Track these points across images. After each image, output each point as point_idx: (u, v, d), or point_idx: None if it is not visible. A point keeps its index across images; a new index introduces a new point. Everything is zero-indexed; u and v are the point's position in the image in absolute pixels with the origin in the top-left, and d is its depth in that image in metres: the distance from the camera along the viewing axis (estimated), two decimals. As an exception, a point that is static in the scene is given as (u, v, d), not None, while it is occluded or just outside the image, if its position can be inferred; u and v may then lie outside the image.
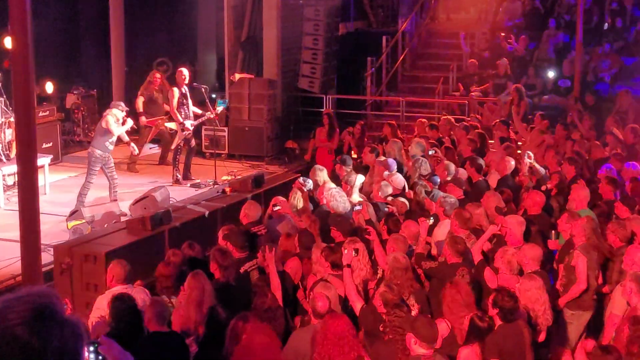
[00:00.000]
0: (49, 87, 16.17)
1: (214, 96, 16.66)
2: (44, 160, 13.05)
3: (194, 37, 19.10)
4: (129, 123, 12.49)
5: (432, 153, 11.60)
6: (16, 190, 8.69)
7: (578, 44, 15.95)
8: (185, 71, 14.12)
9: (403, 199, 9.68)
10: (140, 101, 15.17)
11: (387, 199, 9.86)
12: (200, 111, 14.32)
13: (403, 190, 10.27)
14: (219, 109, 14.79)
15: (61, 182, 14.10)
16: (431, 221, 8.44)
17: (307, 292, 7.16)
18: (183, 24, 18.58)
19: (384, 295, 6.41)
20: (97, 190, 12.54)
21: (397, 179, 10.26)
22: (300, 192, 9.95)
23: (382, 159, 11.42)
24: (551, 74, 17.54)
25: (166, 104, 14.78)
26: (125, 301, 6.27)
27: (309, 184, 10.34)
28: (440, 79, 18.07)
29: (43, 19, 15.12)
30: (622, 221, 8.26)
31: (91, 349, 2.32)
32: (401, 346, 5.85)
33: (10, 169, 12.57)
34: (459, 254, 7.35)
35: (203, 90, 14.32)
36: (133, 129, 12.95)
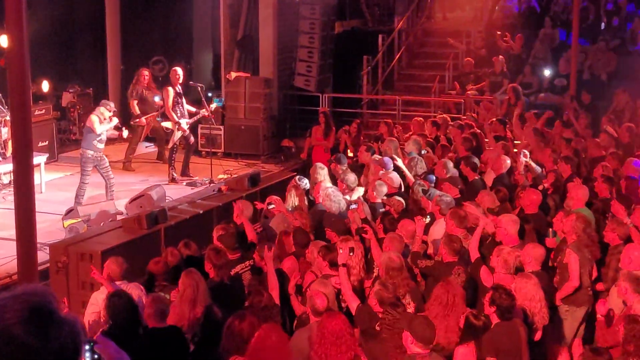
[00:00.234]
0: (44, 85, 16.12)
1: (210, 95, 16.65)
2: (39, 159, 13.02)
3: (189, 36, 19.06)
4: (114, 121, 12.38)
5: (424, 153, 11.60)
6: (12, 188, 8.68)
7: (574, 42, 15.96)
8: (179, 70, 14.12)
9: (399, 198, 9.68)
10: (134, 104, 15.15)
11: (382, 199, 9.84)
12: (194, 109, 14.33)
13: (400, 189, 10.26)
14: (213, 106, 14.80)
15: (57, 181, 14.09)
16: (427, 220, 8.44)
17: (304, 291, 7.16)
18: (179, 22, 18.55)
19: (379, 294, 6.40)
20: (93, 189, 12.52)
21: (393, 177, 10.24)
22: (295, 191, 9.93)
23: (378, 157, 11.41)
24: (547, 72, 17.55)
25: (154, 100, 14.85)
26: (121, 297, 6.28)
27: (305, 182, 10.32)
28: (436, 77, 18.06)
29: (39, 17, 15.09)
30: (621, 219, 8.27)
31: (87, 347, 2.31)
32: (392, 344, 5.84)
33: (6, 167, 12.55)
34: (454, 252, 7.35)
35: (199, 89, 14.31)
36: (116, 126, 12.72)
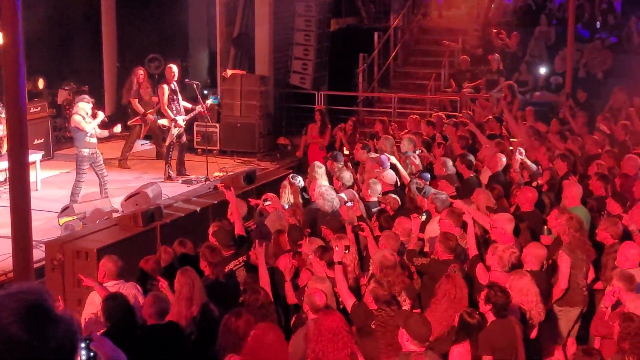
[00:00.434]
0: (40, 83, 16.10)
1: (205, 92, 16.63)
2: (35, 157, 13.01)
3: (185, 34, 19.04)
4: (100, 116, 12.30)
5: (418, 153, 11.59)
6: (7, 186, 8.66)
7: (570, 40, 15.97)
8: (174, 67, 14.10)
9: (394, 196, 9.67)
10: (136, 102, 15.10)
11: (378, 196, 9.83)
12: (190, 106, 14.32)
13: (395, 186, 10.25)
14: (209, 102, 14.79)
15: (52, 179, 14.07)
16: (423, 217, 8.44)
17: (301, 289, 7.16)
18: (175, 20, 18.52)
19: (374, 292, 6.41)
20: (88, 187, 12.50)
21: (388, 175, 10.23)
22: (290, 188, 9.92)
23: (374, 155, 11.39)
24: (543, 70, 17.57)
25: (148, 98, 14.83)
26: (117, 299, 6.28)
27: (298, 180, 10.29)
28: (432, 75, 18.05)
29: (34, 14, 15.05)
30: (614, 218, 8.25)
31: (83, 345, 2.31)
32: (384, 341, 5.85)
33: (1, 165, 12.52)
34: (450, 250, 7.35)
35: (195, 86, 14.31)
36: (104, 122, 12.61)
